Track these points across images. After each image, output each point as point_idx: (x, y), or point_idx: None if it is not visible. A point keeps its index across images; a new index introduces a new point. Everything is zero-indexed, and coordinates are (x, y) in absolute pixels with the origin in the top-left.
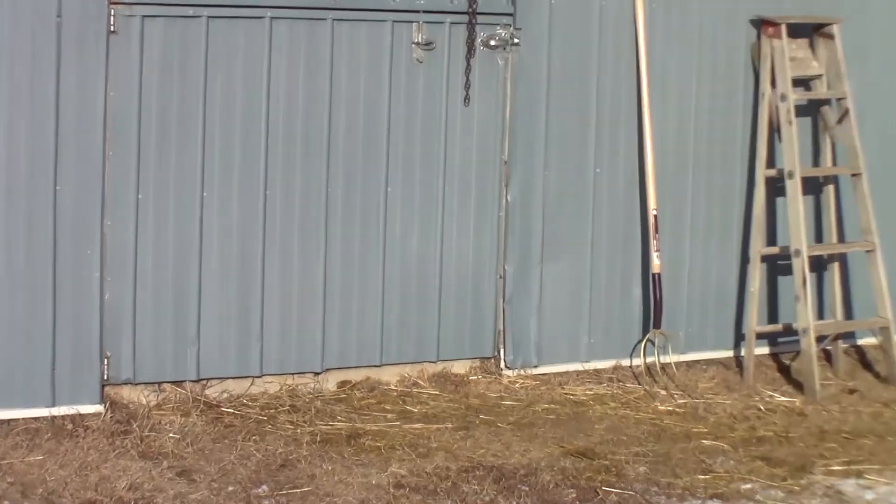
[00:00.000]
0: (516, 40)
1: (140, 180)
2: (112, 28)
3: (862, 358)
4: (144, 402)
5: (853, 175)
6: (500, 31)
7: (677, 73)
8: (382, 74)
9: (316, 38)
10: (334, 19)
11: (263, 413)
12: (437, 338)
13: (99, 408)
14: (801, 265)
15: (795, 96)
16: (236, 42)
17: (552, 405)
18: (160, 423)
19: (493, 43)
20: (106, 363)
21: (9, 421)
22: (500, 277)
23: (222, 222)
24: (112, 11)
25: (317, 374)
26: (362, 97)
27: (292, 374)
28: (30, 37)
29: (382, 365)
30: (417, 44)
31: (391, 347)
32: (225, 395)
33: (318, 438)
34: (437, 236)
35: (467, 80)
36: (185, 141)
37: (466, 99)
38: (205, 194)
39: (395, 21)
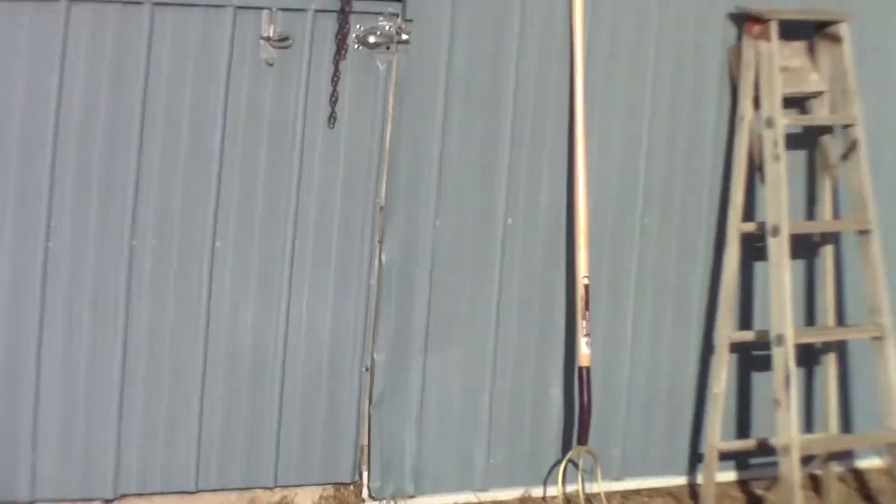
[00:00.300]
0: (405, 36)
1: None
2: None
3: (861, 486)
4: None
5: (860, 232)
6: (384, 22)
7: (626, 86)
8: (217, 80)
9: (128, 28)
10: (154, 3)
11: None
12: (274, 455)
13: None
14: (784, 357)
15: (787, 121)
16: (20, 30)
17: None
18: None
19: (372, 40)
20: None
21: None
22: (366, 370)
23: None
24: None
25: (108, 502)
26: (187, 110)
27: (75, 501)
28: None
29: (198, 492)
30: (268, 39)
31: (211, 467)
32: None
33: None
34: (280, 311)
35: (334, 91)
36: None
37: (332, 118)
38: None
39: (238, 7)
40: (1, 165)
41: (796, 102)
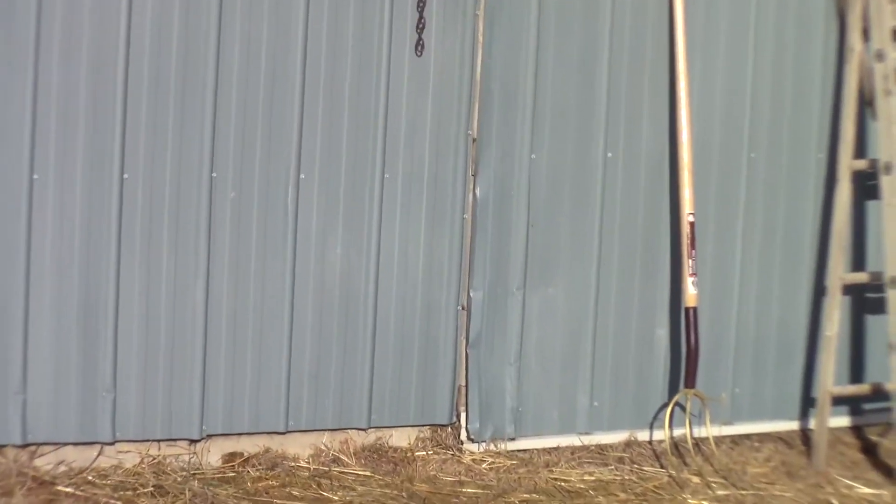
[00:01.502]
0: None
1: None
2: None
3: None
4: None
5: None
6: None
7: (729, 15)
8: (296, 4)
9: None
10: None
11: (117, 495)
12: (368, 396)
13: None
14: None
15: None
16: None
17: (535, 495)
18: None
19: None
20: None
21: None
22: (463, 308)
23: (61, 220)
24: None
25: (193, 441)
26: (265, 38)
27: (158, 441)
28: None
29: (288, 432)
30: None
31: (301, 408)
32: (62, 467)
33: None
34: (371, 247)
35: (420, 17)
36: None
37: (418, 45)
38: (35, 178)
39: None
40: (74, 94)
41: None
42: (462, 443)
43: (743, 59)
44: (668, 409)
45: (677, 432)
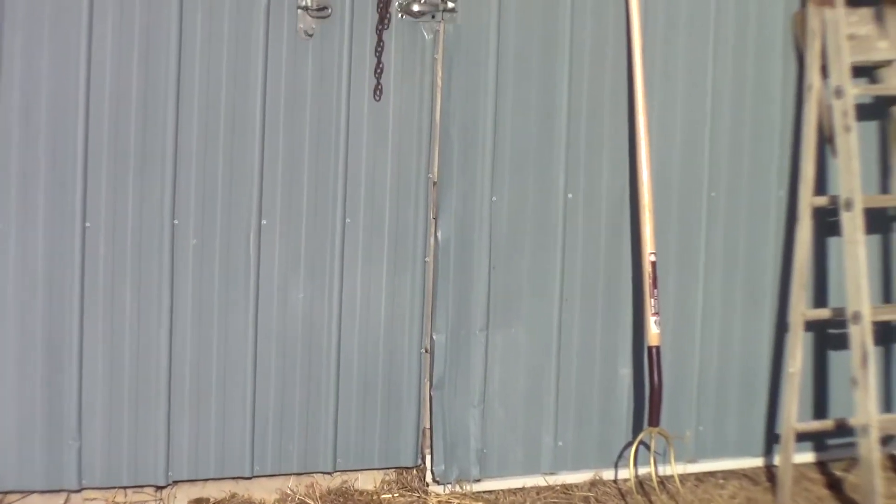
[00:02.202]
0: (451, 4)
1: None
2: None
3: None
4: None
5: None
6: None
7: (686, 57)
8: (254, 54)
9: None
10: None
11: None
12: (333, 439)
13: None
14: (861, 335)
15: (856, 91)
16: (41, 7)
17: None
18: None
19: (416, 7)
20: None
21: None
22: (426, 351)
23: (23, 265)
24: None
25: (160, 488)
26: (224, 87)
27: (125, 487)
28: None
29: (254, 477)
30: (305, 8)
31: (266, 452)
32: None
33: None
34: (333, 292)
35: (379, 61)
36: None
37: (377, 90)
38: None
39: None
40: (33, 143)
41: (865, 71)
42: (427, 485)
43: (701, 100)
44: (633, 448)
45: (642, 471)
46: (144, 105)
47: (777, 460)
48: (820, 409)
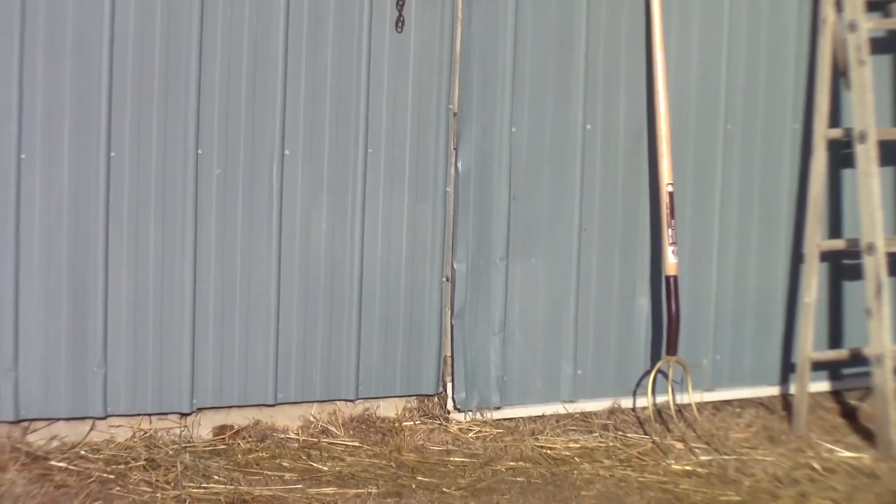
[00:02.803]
0: None
1: None
2: None
3: None
4: None
5: None
6: None
7: None
8: None
9: None
10: None
11: (109, 469)
12: (355, 367)
13: None
14: (875, 266)
15: (870, 25)
16: None
17: (521, 463)
18: None
19: None
20: None
21: None
22: (447, 280)
23: (49, 201)
24: None
25: (184, 415)
26: (247, 17)
27: (149, 415)
28: None
29: (277, 404)
30: None
31: (289, 380)
32: (55, 442)
33: None
34: (355, 222)
35: None
36: None
37: (399, 22)
38: (22, 157)
39: None
40: (59, 75)
41: (880, 6)
42: (448, 412)
43: (718, 32)
44: (651, 377)
45: (660, 399)
46: (168, 35)
47: (793, 389)
48: (835, 339)
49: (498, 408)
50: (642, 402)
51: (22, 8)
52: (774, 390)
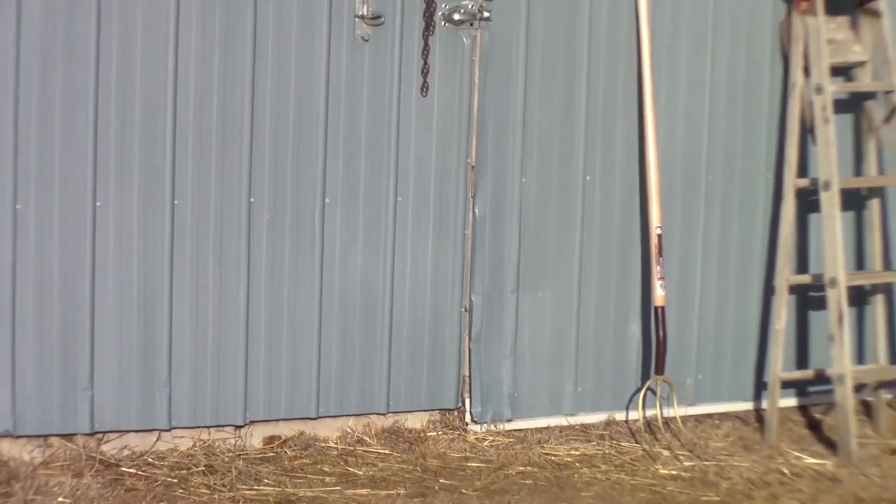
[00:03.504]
0: (486, 13)
1: (17, 185)
2: None
3: None
4: (28, 458)
5: None
6: (467, 1)
7: (688, 57)
8: (318, 56)
9: (234, 7)
10: None
11: (173, 474)
12: (386, 385)
13: None
14: (837, 298)
15: (834, 88)
16: (134, 11)
17: (529, 468)
18: (47, 484)
19: (456, 17)
20: None
21: None
22: (465, 310)
23: (121, 241)
24: None
25: (238, 427)
26: (293, 85)
27: (208, 427)
28: None
29: (319, 417)
30: (362, 17)
31: (329, 396)
32: (125, 451)
33: None
34: (386, 259)
35: (425, 63)
36: (69, 139)
37: (424, 87)
38: (98, 205)
39: None
40: (129, 133)
41: (842, 71)
42: (466, 424)
43: (701, 96)
44: (642, 393)
45: (649, 413)
46: (224, 98)
47: (765, 404)
48: (802, 361)
49: (509, 420)
50: (634, 415)
51: (96, 79)
52: (749, 405)
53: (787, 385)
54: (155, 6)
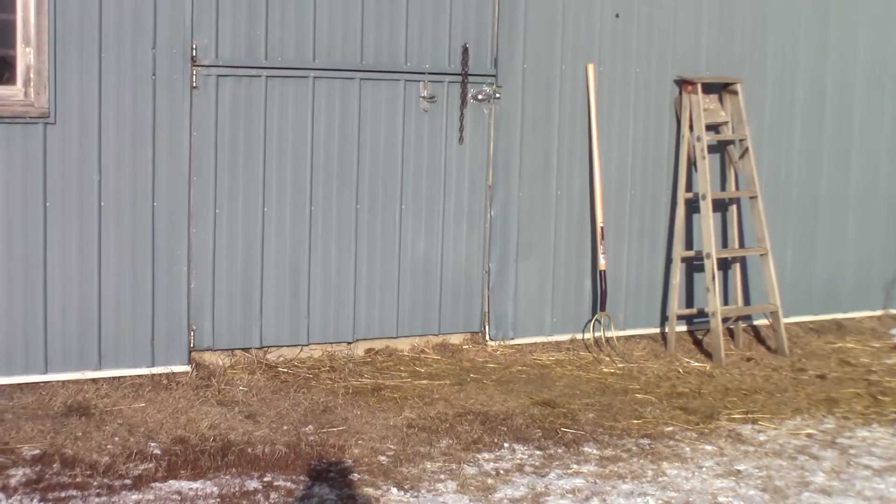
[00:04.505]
0: (498, 95)
1: (217, 198)
2: (194, 84)
3: (757, 335)
4: (221, 363)
5: (751, 198)
6: (486, 88)
7: (619, 119)
8: (397, 120)
9: (347, 92)
10: (361, 79)
11: (309, 372)
12: (438, 316)
13: (187, 368)
14: (711, 265)
15: (708, 138)
16: (287, 95)
17: (524, 367)
18: (233, 379)
19: (480, 97)
20: (192, 334)
21: (119, 377)
22: (486, 272)
23: (279, 231)
24: (194, 72)
25: (349, 343)
26: (382, 137)
27: (331, 343)
28: (132, 90)
29: (398, 336)
30: (424, 97)
31: (405, 323)
32: (281, 358)
33: (350, 391)
34: (438, 241)
35: (461, 124)
36: (250, 170)
37: (461, 139)
38: (265, 210)
39: (406, 80)
40: (284, 169)
41: (713, 128)
42: (486, 341)
43: (626, 143)
44: (591, 322)
45: (597, 334)
46: (342, 147)
47: (667, 329)
48: (689, 303)
49: (512, 338)
50: (587, 336)
51: (264, 135)
52: (657, 330)
53: (680, 318)
54: (300, 99)
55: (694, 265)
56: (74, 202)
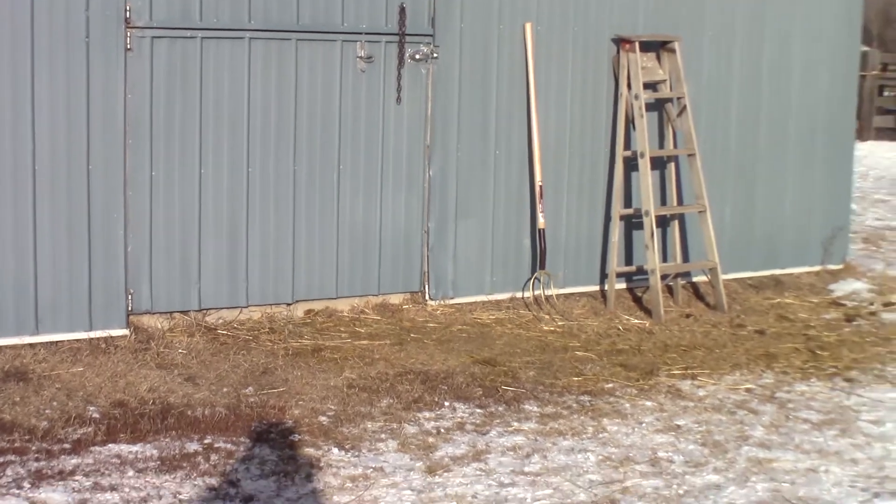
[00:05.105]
0: (435, 55)
1: (153, 161)
2: (128, 46)
3: (696, 292)
4: (160, 326)
5: (689, 155)
6: (423, 48)
7: (557, 78)
8: (334, 81)
9: (284, 53)
10: (298, 39)
11: (249, 334)
12: (378, 277)
13: (125, 331)
14: (649, 222)
15: (646, 96)
16: (223, 56)
17: (464, 326)
18: (171, 342)
19: (418, 56)
20: (130, 298)
21: (57, 342)
22: (425, 232)
23: (216, 193)
24: (128, 34)
25: (289, 304)
26: (319, 99)
27: (270, 304)
28: (65, 53)
29: (338, 297)
30: (361, 58)
31: (344, 284)
32: (220, 320)
33: (290, 352)
34: (377, 202)
35: (399, 84)
36: (186, 132)
37: (398, 99)
38: (202, 171)
39: (343, 41)
40: (221, 130)
41: (651, 86)
42: (426, 300)
43: (564, 102)
44: (531, 280)
45: (536, 292)
46: (279, 108)
47: (606, 287)
48: (629, 260)
49: (452, 298)
50: (527, 294)
51: (200, 100)
52: (597, 288)
53: (620, 275)
54: (235, 60)
55: (633, 223)
56: (8, 166)
